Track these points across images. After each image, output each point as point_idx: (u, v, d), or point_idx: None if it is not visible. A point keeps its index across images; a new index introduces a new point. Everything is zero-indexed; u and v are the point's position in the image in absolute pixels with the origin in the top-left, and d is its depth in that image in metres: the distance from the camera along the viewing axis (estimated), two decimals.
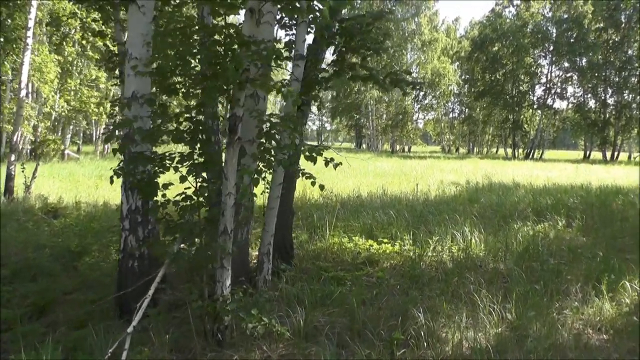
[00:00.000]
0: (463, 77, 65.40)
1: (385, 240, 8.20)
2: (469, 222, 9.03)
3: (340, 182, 16.83)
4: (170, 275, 5.68)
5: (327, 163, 4.76)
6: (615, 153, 52.93)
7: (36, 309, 5.31)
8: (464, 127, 69.21)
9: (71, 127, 31.18)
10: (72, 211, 11.12)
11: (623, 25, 50.44)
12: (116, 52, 8.83)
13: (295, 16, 5.58)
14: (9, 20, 12.76)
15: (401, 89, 6.17)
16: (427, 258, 7.31)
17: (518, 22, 55.22)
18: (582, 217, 10.05)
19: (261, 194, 6.67)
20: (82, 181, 16.42)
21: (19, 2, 12.79)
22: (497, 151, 67.29)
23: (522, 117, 57.04)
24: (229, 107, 4.29)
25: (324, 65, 6.68)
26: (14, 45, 13.20)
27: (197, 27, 4.43)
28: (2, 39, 12.75)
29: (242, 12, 5.19)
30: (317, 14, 3.90)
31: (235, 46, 4.21)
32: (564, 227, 9.55)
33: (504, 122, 58.91)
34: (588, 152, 57.19)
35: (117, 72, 8.75)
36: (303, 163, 5.21)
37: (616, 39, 51.36)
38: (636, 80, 49.95)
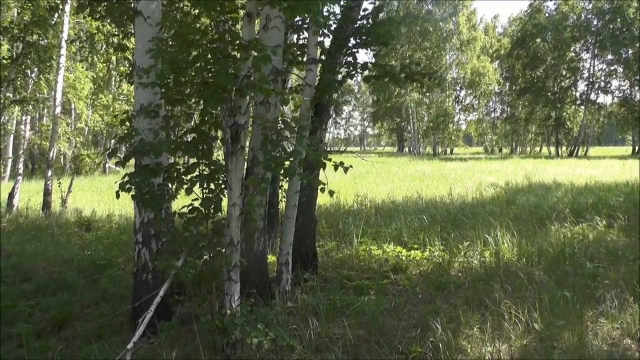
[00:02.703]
0: (503, 75, 64.03)
1: (416, 246, 7.97)
2: (504, 225, 8.71)
3: (378, 187, 16.65)
4: (188, 287, 5.63)
5: (336, 167, 4.61)
6: None
7: (56, 323, 5.31)
8: (506, 126, 67.82)
9: (112, 141, 31.86)
10: (104, 224, 11.28)
11: None
12: None
13: (299, 18, 5.44)
14: (43, 41, 13.10)
15: (418, 82, 5.96)
16: (456, 264, 7.06)
17: (557, 16, 53.69)
18: (625, 216, 9.55)
19: (280, 201, 6.59)
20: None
21: (52, 22, 13.12)
22: (540, 150, 65.67)
23: (564, 113, 55.31)
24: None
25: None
26: (48, 64, 13.57)
27: (199, 34, 4.33)
28: (36, 59, 13.08)
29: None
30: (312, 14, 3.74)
31: (235, 53, 4.10)
32: (605, 227, 9.10)
33: (546, 120, 57.37)
34: (637, 147, 55.07)
35: None
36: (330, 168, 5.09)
37: None
38: None
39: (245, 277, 4.67)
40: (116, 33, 9.96)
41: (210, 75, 3.98)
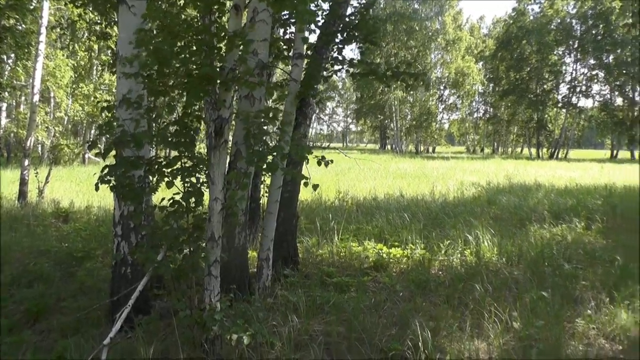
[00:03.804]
0: (487, 76, 64.51)
1: (396, 244, 7.98)
2: (484, 224, 8.77)
3: (360, 184, 16.63)
4: (168, 281, 5.56)
5: (319, 162, 4.59)
6: None
7: (31, 316, 5.21)
8: (488, 126, 68.35)
9: (92, 131, 31.38)
10: (82, 215, 11.11)
11: None
12: None
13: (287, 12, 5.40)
14: (20, 26, 12.79)
15: (403, 82, 5.95)
16: (437, 263, 7.09)
17: (542, 20, 54.27)
18: (603, 219, 9.69)
19: (262, 196, 6.55)
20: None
21: (31, 7, 12.82)
22: (521, 151, 66.33)
23: (546, 116, 56.04)
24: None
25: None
26: (26, 50, 13.25)
27: (185, 25, 4.26)
28: (13, 44, 12.76)
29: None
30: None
31: (221, 45, 4.05)
32: (583, 229, 9.21)
33: (528, 122, 58.04)
34: (615, 152, 55.96)
35: None
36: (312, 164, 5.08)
37: None
38: None
39: (225, 272, 4.63)
40: (99, 21, 9.77)
41: (195, 67, 3.93)
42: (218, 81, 3.94)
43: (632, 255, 7.10)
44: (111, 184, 4.23)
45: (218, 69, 3.94)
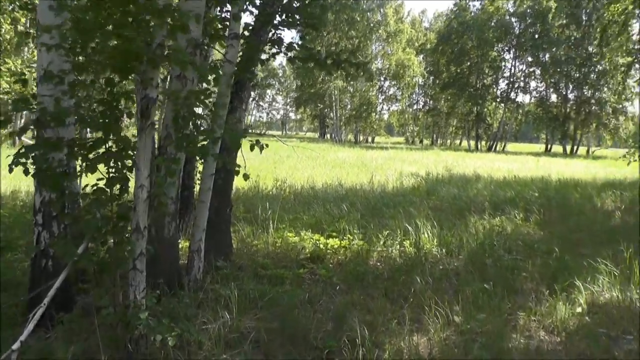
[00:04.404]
0: (428, 69, 65.47)
1: (334, 234, 7.77)
2: (424, 215, 8.72)
3: (298, 172, 16.35)
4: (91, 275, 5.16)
5: (252, 147, 4.34)
6: (575, 147, 54.11)
7: None
8: (428, 118, 69.47)
9: (25, 112, 29.60)
10: (7, 201, 10.40)
11: (584, 22, 51.29)
12: None
13: None
14: None
15: (344, 71, 5.75)
16: (375, 254, 6.93)
17: (483, 17, 55.58)
18: (540, 210, 9.88)
19: (195, 184, 6.22)
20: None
21: None
22: (460, 143, 67.80)
23: (485, 109, 57.66)
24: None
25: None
26: None
27: None
28: None
29: None
30: None
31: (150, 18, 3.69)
32: (522, 220, 9.34)
33: (468, 115, 59.48)
34: (549, 146, 58.18)
35: None
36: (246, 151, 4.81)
37: (577, 36, 52.18)
38: (595, 76, 51.12)
39: (154, 265, 4.31)
40: None
41: (121, 41, 3.57)
42: (145, 58, 3.59)
43: (567, 247, 7.25)
44: (26, 167, 3.81)
45: (145, 44, 3.59)
